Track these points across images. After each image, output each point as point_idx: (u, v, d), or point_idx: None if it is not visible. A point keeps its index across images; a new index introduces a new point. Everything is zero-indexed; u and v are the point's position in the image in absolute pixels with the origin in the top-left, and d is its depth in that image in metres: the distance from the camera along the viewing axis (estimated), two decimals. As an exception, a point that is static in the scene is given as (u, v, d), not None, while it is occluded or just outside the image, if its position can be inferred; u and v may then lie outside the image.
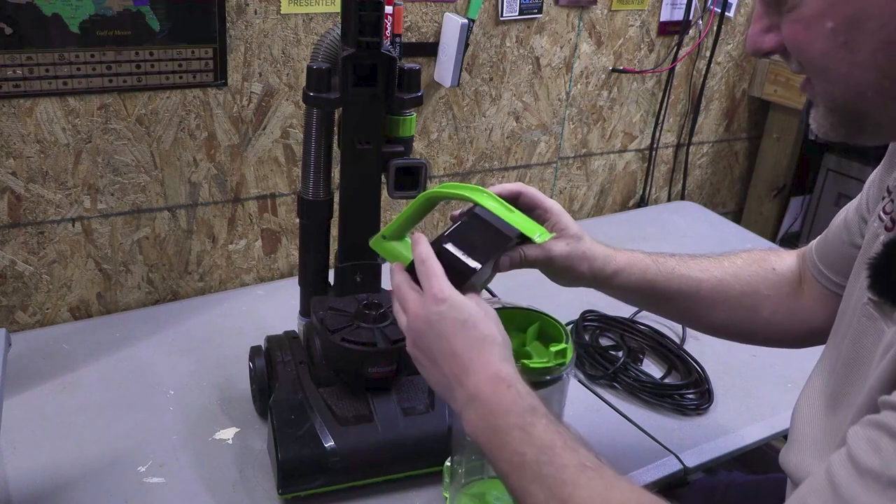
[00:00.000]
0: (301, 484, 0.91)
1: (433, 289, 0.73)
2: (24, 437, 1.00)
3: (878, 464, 0.50)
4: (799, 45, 0.61)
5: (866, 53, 0.57)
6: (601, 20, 1.60)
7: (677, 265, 0.92)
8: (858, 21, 0.56)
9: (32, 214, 1.18)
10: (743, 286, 0.92)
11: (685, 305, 0.93)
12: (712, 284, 0.92)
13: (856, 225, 0.83)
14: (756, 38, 0.64)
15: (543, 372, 0.81)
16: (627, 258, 0.91)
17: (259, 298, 1.36)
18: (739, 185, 2.06)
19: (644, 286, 0.91)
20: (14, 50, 1.07)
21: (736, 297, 0.92)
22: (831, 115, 0.63)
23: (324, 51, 0.95)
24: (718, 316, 0.93)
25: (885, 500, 0.48)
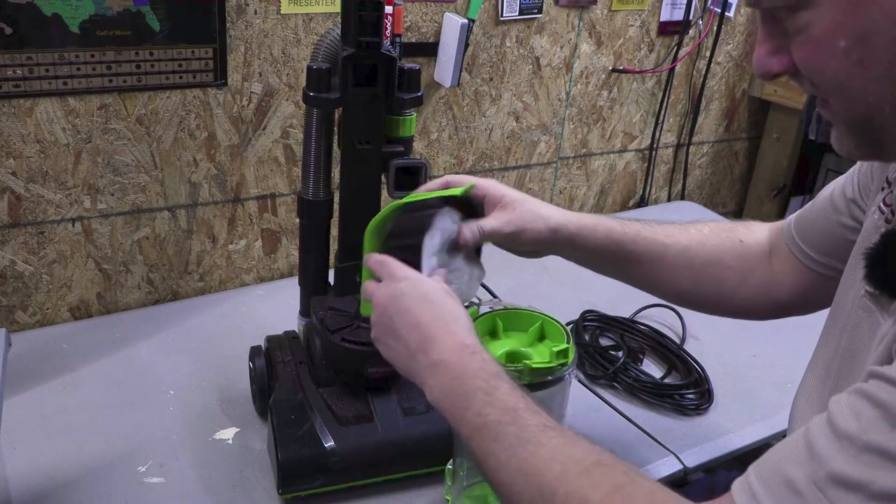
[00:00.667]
0: (301, 484, 0.91)
1: (391, 272, 0.77)
2: (24, 437, 1.00)
3: (856, 428, 0.50)
4: (813, 68, 0.60)
5: (881, 68, 0.56)
6: (601, 20, 1.60)
7: (642, 229, 0.92)
8: (869, 37, 0.55)
9: (32, 214, 1.18)
10: (708, 255, 0.92)
11: (649, 270, 0.93)
12: (677, 250, 0.92)
13: (843, 205, 0.83)
14: (764, 62, 0.63)
15: (545, 372, 0.81)
16: (592, 218, 0.91)
17: (259, 298, 1.36)
18: (739, 185, 2.06)
19: (609, 246, 0.91)
20: (14, 50, 1.07)
21: (700, 266, 0.92)
22: (852, 134, 0.63)
23: (324, 51, 0.95)
24: (683, 284, 0.93)
25: (858, 464, 0.49)
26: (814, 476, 0.50)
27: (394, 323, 0.75)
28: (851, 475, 0.49)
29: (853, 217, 0.81)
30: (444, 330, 0.72)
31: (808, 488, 0.50)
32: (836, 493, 0.49)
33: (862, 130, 0.62)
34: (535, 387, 0.79)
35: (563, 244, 0.90)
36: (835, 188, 0.85)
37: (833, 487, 0.49)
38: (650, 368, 1.22)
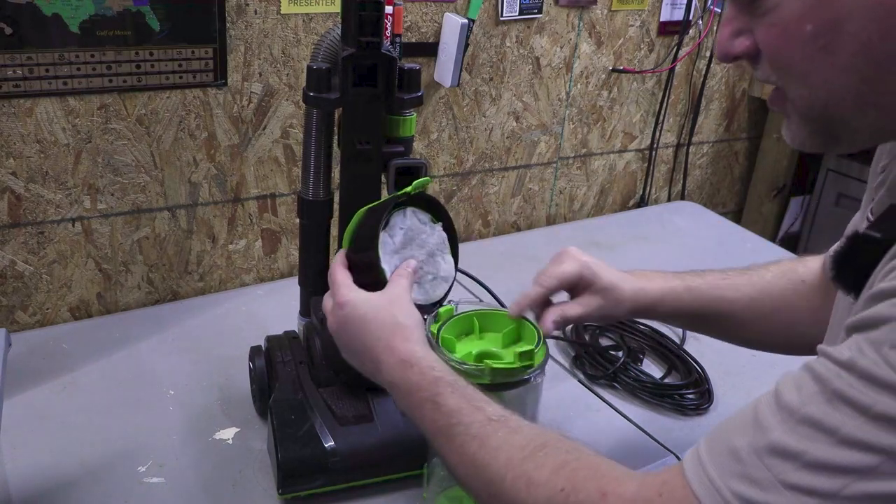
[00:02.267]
0: (301, 484, 0.91)
1: (335, 297, 0.81)
2: (24, 437, 1.00)
3: (797, 401, 0.53)
4: (777, 50, 0.60)
5: (846, 57, 0.56)
6: (601, 20, 1.60)
7: (709, 288, 0.93)
8: (838, 24, 0.55)
9: (32, 214, 1.18)
10: (775, 302, 0.93)
11: (720, 326, 0.95)
12: (745, 304, 0.93)
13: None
14: (725, 42, 0.63)
15: (507, 373, 0.80)
16: (660, 290, 0.92)
17: (259, 298, 1.36)
18: (739, 185, 2.06)
19: (679, 314, 0.94)
20: (14, 50, 1.07)
21: (770, 314, 0.93)
22: (807, 125, 0.63)
23: (324, 51, 0.95)
24: (754, 333, 0.95)
25: (795, 435, 0.51)
26: (755, 444, 0.53)
27: (350, 350, 0.80)
28: (788, 445, 0.51)
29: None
30: (385, 350, 0.75)
31: (748, 456, 0.53)
32: (772, 461, 0.51)
33: (817, 121, 0.62)
34: (499, 388, 0.79)
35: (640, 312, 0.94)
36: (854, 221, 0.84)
37: (771, 456, 0.52)
38: (650, 368, 1.22)
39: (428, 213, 0.88)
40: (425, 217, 0.88)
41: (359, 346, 0.78)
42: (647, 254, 1.61)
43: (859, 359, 0.51)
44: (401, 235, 0.85)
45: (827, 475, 0.49)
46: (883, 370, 0.49)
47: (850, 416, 0.50)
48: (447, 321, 0.87)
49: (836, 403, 0.51)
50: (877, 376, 0.49)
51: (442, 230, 0.88)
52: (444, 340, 0.84)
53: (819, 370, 0.53)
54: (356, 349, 0.79)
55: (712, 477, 0.54)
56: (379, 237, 0.83)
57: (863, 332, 0.52)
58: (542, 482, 0.60)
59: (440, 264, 0.88)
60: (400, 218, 0.86)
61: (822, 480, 0.49)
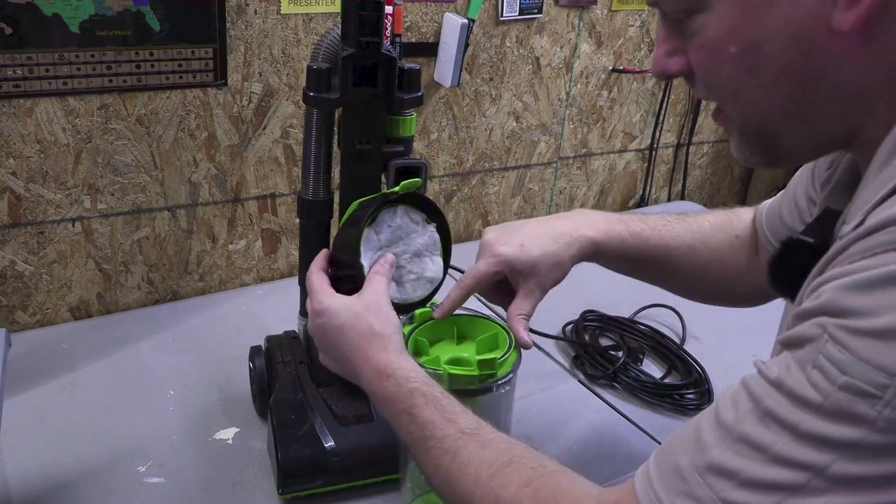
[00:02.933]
0: (301, 484, 0.91)
1: (313, 306, 0.80)
2: (24, 437, 1.00)
3: (733, 419, 0.54)
4: (706, 72, 0.61)
5: (770, 77, 0.57)
6: (601, 20, 1.60)
7: (652, 234, 0.94)
8: (759, 45, 0.56)
9: (32, 214, 1.18)
10: (711, 253, 0.95)
11: (658, 272, 0.96)
12: (684, 251, 0.94)
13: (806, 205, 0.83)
14: (661, 61, 0.64)
15: (465, 381, 0.80)
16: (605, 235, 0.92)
17: (259, 298, 1.36)
18: (739, 185, 2.06)
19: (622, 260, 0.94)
20: (14, 50, 1.07)
21: (705, 265, 0.95)
22: (747, 142, 0.64)
23: (324, 51, 0.95)
24: (688, 281, 0.97)
25: (731, 453, 0.52)
26: (696, 463, 0.54)
27: (331, 357, 0.80)
28: (726, 463, 0.52)
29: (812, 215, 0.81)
30: (363, 360, 0.75)
31: (691, 474, 0.54)
32: (712, 479, 0.52)
33: (755, 138, 0.63)
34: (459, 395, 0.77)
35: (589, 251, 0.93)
36: (797, 187, 0.86)
37: (710, 474, 0.53)
38: (650, 368, 1.22)
39: (423, 214, 0.88)
40: (419, 217, 0.87)
41: (337, 355, 0.78)
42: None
43: (786, 378, 0.52)
44: (387, 233, 0.84)
45: (762, 493, 0.50)
46: (807, 390, 0.50)
47: (779, 434, 0.51)
48: (422, 324, 0.87)
49: (767, 422, 0.52)
50: (802, 396, 0.50)
51: (434, 231, 0.88)
52: (414, 343, 0.84)
53: (753, 388, 0.54)
54: (336, 357, 0.79)
55: (660, 496, 0.55)
56: (363, 232, 0.82)
57: (791, 350, 0.53)
58: (507, 500, 0.62)
59: (427, 265, 0.87)
60: (389, 215, 0.85)
61: (759, 498, 0.50)
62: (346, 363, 0.77)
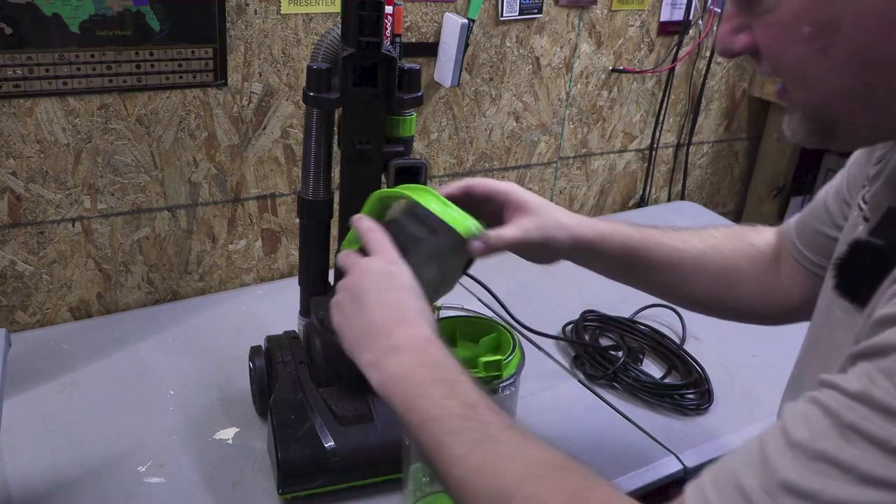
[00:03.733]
0: (301, 484, 0.91)
1: (385, 252, 0.74)
2: (24, 437, 1.00)
3: (808, 437, 0.50)
4: (774, 50, 0.60)
5: (841, 58, 0.57)
6: (601, 20, 1.60)
7: (660, 235, 0.92)
8: (834, 26, 0.56)
9: (32, 214, 1.18)
10: (723, 259, 0.92)
11: (666, 277, 0.92)
12: (693, 255, 0.92)
13: (837, 207, 0.82)
14: (726, 38, 0.63)
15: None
16: (610, 225, 0.89)
17: (259, 298, 1.36)
18: (739, 185, 2.06)
19: (627, 253, 0.90)
20: (14, 50, 1.07)
21: (716, 271, 0.92)
22: (808, 122, 0.63)
23: (324, 51, 0.95)
24: (697, 289, 0.93)
25: (809, 473, 0.49)
26: (766, 484, 0.50)
27: (367, 296, 0.72)
28: (803, 484, 0.48)
29: (846, 218, 0.80)
30: (417, 320, 0.71)
31: (759, 496, 0.50)
32: (787, 501, 0.49)
33: (817, 119, 0.62)
34: None
35: (582, 252, 0.89)
36: (828, 190, 0.85)
37: (784, 496, 0.49)
38: (650, 368, 1.22)
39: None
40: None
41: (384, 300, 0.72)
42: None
43: (872, 389, 0.48)
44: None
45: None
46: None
47: (867, 450, 0.47)
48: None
49: (850, 437, 0.48)
50: (893, 408, 0.47)
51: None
52: None
53: (827, 402, 0.51)
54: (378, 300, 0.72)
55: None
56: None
57: (871, 361, 0.50)
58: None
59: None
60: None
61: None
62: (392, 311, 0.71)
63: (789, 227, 0.91)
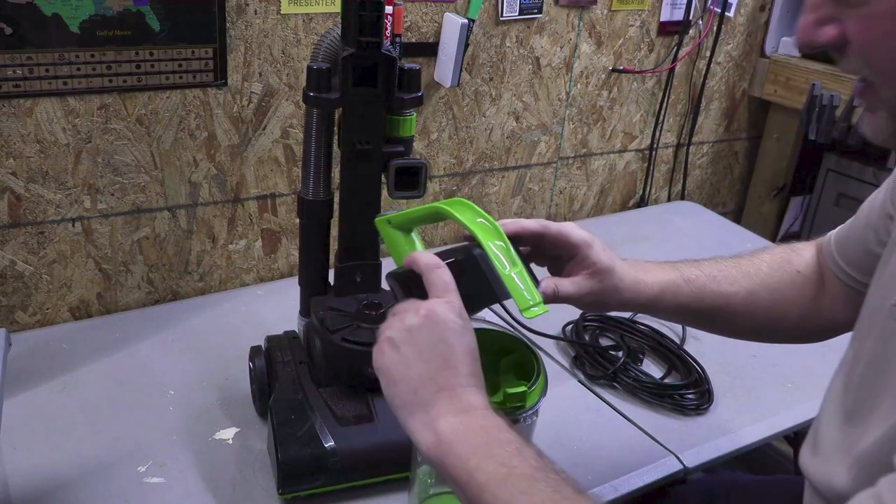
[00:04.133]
0: (301, 484, 0.91)
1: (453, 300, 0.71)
2: (24, 437, 1.00)
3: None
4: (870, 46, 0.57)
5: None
6: (601, 20, 1.60)
7: (707, 282, 0.90)
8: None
9: (32, 214, 1.18)
10: (772, 294, 0.91)
11: (717, 321, 0.93)
12: (742, 298, 0.91)
13: (882, 224, 0.81)
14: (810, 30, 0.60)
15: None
16: (660, 285, 0.88)
17: (259, 298, 1.36)
18: (739, 185, 2.06)
19: (678, 311, 0.91)
20: (14, 50, 1.07)
21: (766, 308, 0.91)
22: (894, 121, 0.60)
23: (324, 51, 0.95)
24: (750, 325, 0.93)
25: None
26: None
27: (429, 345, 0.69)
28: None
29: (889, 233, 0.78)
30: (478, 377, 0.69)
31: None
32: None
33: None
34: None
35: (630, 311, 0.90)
36: (872, 205, 0.83)
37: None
38: (650, 368, 1.22)
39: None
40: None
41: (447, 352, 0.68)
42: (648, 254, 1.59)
43: None
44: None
45: None
46: None
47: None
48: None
49: None
50: None
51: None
52: None
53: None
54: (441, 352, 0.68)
55: None
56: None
57: None
58: None
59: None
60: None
61: None
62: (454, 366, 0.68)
63: (829, 242, 0.90)
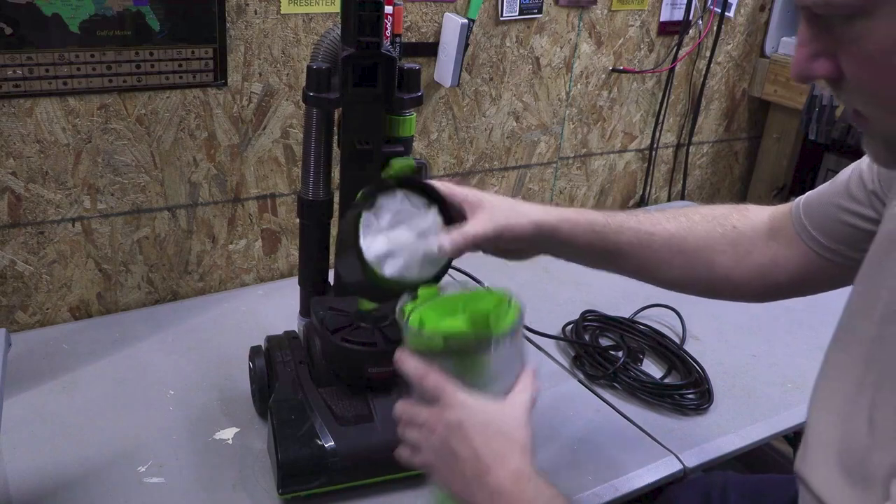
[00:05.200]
0: (301, 484, 0.91)
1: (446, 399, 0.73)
2: (24, 437, 1.00)
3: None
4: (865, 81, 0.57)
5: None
6: (601, 20, 1.60)
7: (627, 219, 0.91)
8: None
9: (32, 214, 1.18)
10: (697, 241, 0.91)
11: (637, 259, 0.91)
12: (664, 238, 0.90)
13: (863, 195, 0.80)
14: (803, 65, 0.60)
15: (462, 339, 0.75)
16: (573, 211, 0.89)
17: (259, 298, 1.36)
18: (739, 185, 2.06)
19: (593, 238, 0.89)
20: (14, 50, 1.07)
21: (690, 252, 0.91)
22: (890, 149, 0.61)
23: (324, 51, 0.95)
24: (673, 271, 0.92)
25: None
26: None
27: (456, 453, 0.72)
28: None
29: (874, 209, 0.78)
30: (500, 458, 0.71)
31: None
32: None
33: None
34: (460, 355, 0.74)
35: (547, 239, 0.88)
36: (852, 176, 0.83)
37: None
38: (650, 368, 1.22)
39: (424, 198, 0.86)
40: (420, 201, 0.85)
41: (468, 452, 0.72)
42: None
43: None
44: (388, 217, 0.83)
45: None
46: None
47: None
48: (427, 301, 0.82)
49: None
50: None
51: (437, 213, 0.86)
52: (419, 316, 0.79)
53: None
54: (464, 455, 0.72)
55: None
56: (361, 216, 0.81)
57: None
58: None
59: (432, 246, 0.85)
60: (389, 200, 0.83)
61: None
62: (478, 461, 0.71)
63: (797, 204, 0.90)
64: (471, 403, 0.74)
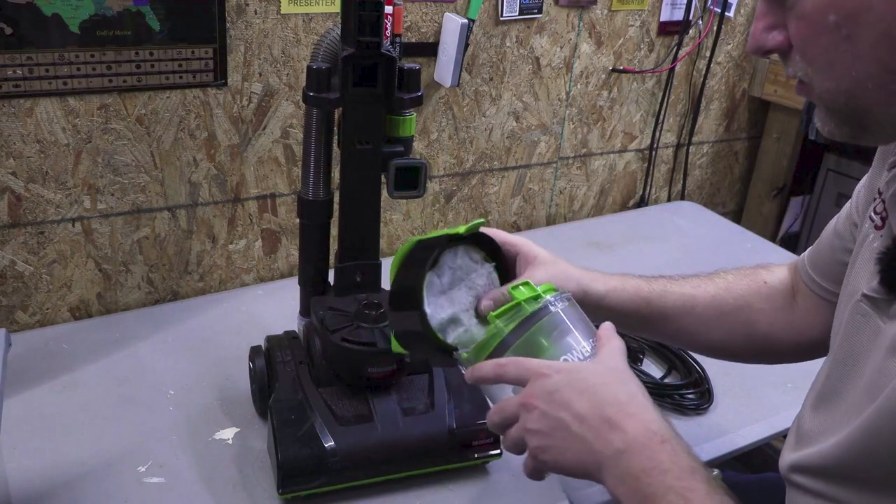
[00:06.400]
0: (301, 484, 0.91)
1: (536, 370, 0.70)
2: (24, 437, 1.00)
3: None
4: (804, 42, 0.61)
5: (867, 46, 0.58)
6: (601, 20, 1.60)
7: (669, 283, 0.92)
8: (858, 14, 0.57)
9: (32, 214, 1.18)
10: (736, 300, 0.92)
11: (681, 324, 0.92)
12: (706, 300, 0.91)
13: (848, 232, 0.83)
14: (759, 37, 0.64)
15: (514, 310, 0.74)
16: (619, 278, 0.90)
17: (259, 298, 1.36)
18: (739, 185, 2.06)
19: (639, 304, 0.90)
20: (14, 50, 1.07)
21: (731, 312, 0.92)
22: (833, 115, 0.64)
23: (324, 51, 0.95)
24: (715, 333, 0.93)
25: None
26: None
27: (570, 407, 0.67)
28: None
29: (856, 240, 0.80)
30: (624, 413, 0.66)
31: None
32: None
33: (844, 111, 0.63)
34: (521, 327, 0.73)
35: (593, 305, 0.87)
36: (838, 219, 0.85)
37: None
38: (650, 368, 1.22)
39: (482, 252, 0.84)
40: (478, 255, 0.84)
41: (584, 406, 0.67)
42: (647, 254, 1.61)
43: None
44: (449, 275, 0.81)
45: None
46: None
47: None
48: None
49: None
50: None
51: (493, 270, 0.84)
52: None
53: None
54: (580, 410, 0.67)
55: None
56: (426, 277, 0.78)
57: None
58: None
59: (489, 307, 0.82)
60: (451, 256, 0.81)
61: None
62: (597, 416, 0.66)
63: (803, 259, 0.91)
64: (560, 366, 0.70)
